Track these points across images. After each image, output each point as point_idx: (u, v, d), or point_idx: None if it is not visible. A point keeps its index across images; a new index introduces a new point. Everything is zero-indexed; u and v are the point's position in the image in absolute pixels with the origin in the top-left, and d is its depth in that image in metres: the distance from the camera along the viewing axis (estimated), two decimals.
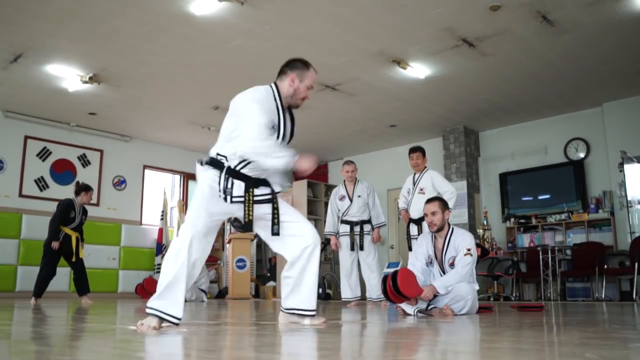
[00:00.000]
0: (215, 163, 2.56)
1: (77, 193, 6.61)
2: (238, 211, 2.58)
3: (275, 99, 2.64)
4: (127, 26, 5.56)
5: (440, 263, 3.84)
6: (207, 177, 2.55)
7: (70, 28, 5.60)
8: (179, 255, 2.45)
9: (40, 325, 2.91)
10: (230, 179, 2.51)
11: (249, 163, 2.53)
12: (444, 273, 3.80)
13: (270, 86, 2.68)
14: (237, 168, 2.54)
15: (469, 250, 3.73)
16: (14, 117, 8.29)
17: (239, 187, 2.53)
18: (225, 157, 2.54)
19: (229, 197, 2.51)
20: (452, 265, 3.77)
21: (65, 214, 6.48)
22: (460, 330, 2.64)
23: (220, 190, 2.51)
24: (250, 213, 2.54)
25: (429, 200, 4.00)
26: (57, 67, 6.61)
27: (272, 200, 2.62)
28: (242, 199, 2.53)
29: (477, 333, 2.52)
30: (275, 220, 2.61)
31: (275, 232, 2.61)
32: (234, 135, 2.54)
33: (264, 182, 2.63)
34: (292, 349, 1.88)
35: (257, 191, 2.58)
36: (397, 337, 2.32)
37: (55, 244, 6.33)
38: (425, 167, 5.73)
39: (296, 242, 2.64)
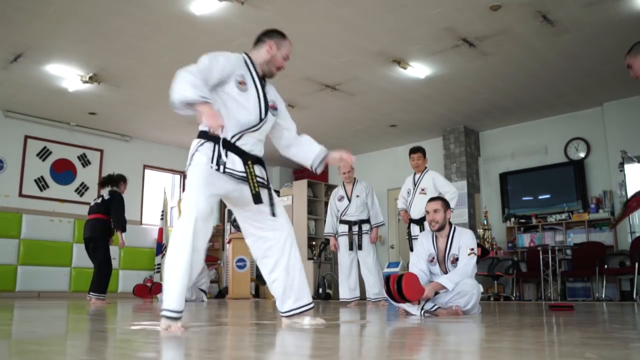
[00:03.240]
0: (206, 135, 2.51)
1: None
2: (233, 191, 2.50)
3: (247, 64, 2.69)
4: (127, 26, 5.56)
5: (443, 262, 3.84)
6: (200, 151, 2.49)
7: (70, 28, 5.60)
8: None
9: (40, 325, 2.91)
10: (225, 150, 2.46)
11: (242, 136, 2.50)
12: (447, 272, 3.80)
13: (241, 54, 2.73)
14: (232, 140, 2.49)
15: (472, 249, 3.77)
16: (14, 117, 8.29)
17: (232, 161, 2.46)
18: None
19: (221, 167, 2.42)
20: (454, 263, 3.78)
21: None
22: (460, 330, 2.64)
23: (213, 162, 2.42)
24: (256, 186, 2.49)
25: (431, 199, 4.03)
26: (57, 67, 6.61)
27: (267, 185, 2.60)
28: (240, 174, 2.46)
29: (477, 332, 2.51)
30: (272, 202, 2.59)
31: (273, 213, 2.58)
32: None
33: (261, 163, 2.60)
34: (291, 349, 1.88)
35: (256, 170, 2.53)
36: (397, 337, 2.32)
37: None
38: (426, 167, 5.73)
39: (275, 236, 2.59)
